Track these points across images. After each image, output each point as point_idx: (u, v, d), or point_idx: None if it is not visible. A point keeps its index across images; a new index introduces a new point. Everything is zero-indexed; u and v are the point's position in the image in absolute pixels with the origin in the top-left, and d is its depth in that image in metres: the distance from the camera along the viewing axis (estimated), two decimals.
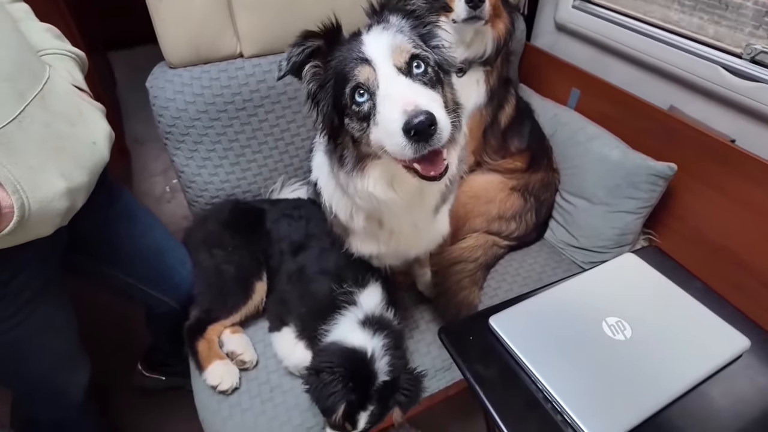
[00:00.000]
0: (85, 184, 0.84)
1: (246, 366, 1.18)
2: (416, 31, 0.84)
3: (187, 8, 1.24)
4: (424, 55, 0.79)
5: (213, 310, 1.23)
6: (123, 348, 1.82)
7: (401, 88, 0.74)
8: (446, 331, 1.00)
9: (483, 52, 1.37)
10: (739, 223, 1.24)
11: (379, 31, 0.81)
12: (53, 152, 0.78)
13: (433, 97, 0.76)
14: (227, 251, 1.28)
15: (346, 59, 0.79)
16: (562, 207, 1.55)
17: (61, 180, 0.78)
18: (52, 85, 0.84)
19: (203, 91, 1.31)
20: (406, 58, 0.77)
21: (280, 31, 1.37)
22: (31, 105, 0.76)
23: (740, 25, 1.25)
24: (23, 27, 0.93)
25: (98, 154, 0.89)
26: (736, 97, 1.23)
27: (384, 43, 0.78)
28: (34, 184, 0.73)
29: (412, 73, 0.77)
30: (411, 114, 0.67)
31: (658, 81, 1.44)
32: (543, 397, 0.87)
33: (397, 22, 0.84)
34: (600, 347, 0.93)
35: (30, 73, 0.79)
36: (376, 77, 0.76)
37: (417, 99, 0.70)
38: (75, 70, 0.98)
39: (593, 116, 1.54)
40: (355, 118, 0.80)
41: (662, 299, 1.04)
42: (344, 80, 0.79)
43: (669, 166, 1.30)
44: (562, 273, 1.46)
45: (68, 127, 0.83)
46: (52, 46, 0.96)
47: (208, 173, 1.41)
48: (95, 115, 0.94)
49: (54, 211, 0.77)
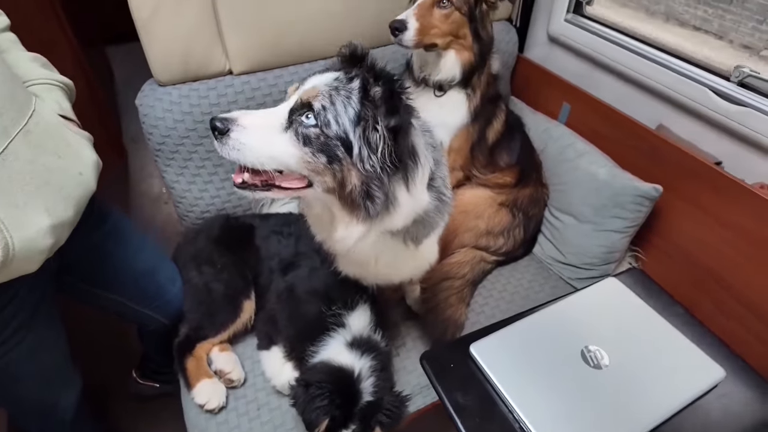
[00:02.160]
0: (71, 218, 0.85)
1: (234, 384, 1.21)
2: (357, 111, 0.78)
3: (176, 27, 1.24)
4: (325, 119, 0.77)
5: (202, 327, 1.25)
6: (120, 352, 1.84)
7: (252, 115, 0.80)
8: (428, 357, 1.01)
9: (453, 77, 1.38)
10: (723, 244, 1.25)
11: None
12: (38, 188, 0.78)
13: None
14: (216, 269, 1.29)
15: None
16: (551, 223, 1.56)
17: (45, 216, 0.78)
18: (39, 118, 0.84)
19: (192, 109, 1.31)
20: (307, 98, 0.78)
21: (268, 48, 1.37)
22: (16, 140, 0.76)
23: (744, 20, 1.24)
24: (10, 57, 0.94)
25: (84, 184, 0.90)
26: (724, 120, 1.23)
27: (313, 80, 0.81)
28: (18, 223, 0.73)
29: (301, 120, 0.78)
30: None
31: (648, 98, 1.44)
32: (519, 428, 0.89)
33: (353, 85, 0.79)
34: (578, 377, 0.95)
35: (15, 106, 0.79)
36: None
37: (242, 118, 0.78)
38: (63, 99, 0.98)
39: (583, 131, 1.54)
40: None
41: (641, 327, 1.05)
42: None
43: (655, 188, 1.30)
44: (549, 289, 1.47)
45: (54, 160, 0.84)
46: (40, 75, 0.96)
47: (198, 189, 1.42)
48: (82, 145, 0.94)
49: (38, 248, 0.78)
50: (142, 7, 1.19)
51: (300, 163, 0.78)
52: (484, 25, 1.35)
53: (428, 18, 1.28)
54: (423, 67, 1.41)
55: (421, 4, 1.28)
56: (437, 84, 1.42)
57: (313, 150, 0.77)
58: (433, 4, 1.28)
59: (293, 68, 1.43)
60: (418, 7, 1.27)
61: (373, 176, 0.77)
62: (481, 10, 1.33)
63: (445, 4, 1.29)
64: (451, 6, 1.29)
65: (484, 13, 1.34)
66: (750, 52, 1.36)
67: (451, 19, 1.31)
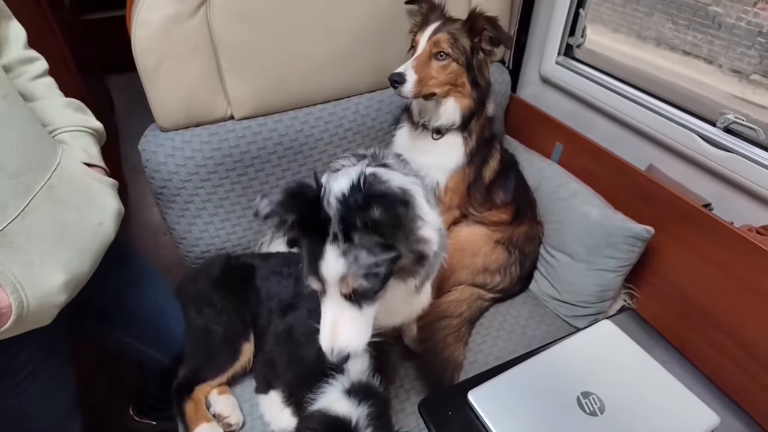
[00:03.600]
0: (86, 271, 0.86)
1: (232, 428, 1.21)
2: (375, 241, 0.81)
3: (180, 77, 1.28)
4: (369, 287, 0.83)
5: (201, 369, 1.25)
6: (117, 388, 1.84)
7: (334, 322, 0.84)
8: (425, 405, 1.03)
9: (453, 122, 1.42)
10: (714, 285, 1.27)
11: (336, 253, 0.79)
12: (56, 243, 0.79)
13: (363, 318, 0.85)
14: (216, 310, 1.30)
15: (308, 251, 0.83)
16: (546, 260, 1.58)
17: (61, 273, 0.79)
18: (62, 171, 0.85)
19: (194, 154, 1.35)
20: (349, 290, 0.82)
21: (269, 94, 1.42)
22: (37, 197, 0.77)
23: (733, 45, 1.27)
24: (43, 104, 0.96)
25: (103, 235, 0.91)
26: (712, 164, 1.27)
27: (332, 270, 0.80)
28: (33, 281, 0.74)
29: (356, 294, 0.83)
30: (332, 352, 0.83)
31: (638, 140, 1.48)
32: None
33: (358, 240, 0.81)
34: (575, 425, 0.96)
35: (39, 163, 0.80)
36: (324, 288, 0.83)
37: (341, 340, 0.83)
38: (91, 145, 1.00)
39: (575, 171, 1.58)
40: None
41: (636, 372, 1.07)
42: (304, 265, 0.85)
43: (646, 230, 1.33)
44: (546, 327, 1.49)
45: (74, 212, 0.85)
46: (71, 122, 0.98)
47: (198, 230, 1.44)
48: (105, 193, 0.95)
49: (52, 305, 0.79)
50: (148, 58, 1.24)
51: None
52: (481, 73, 1.38)
53: (426, 70, 1.32)
54: (422, 112, 1.45)
55: (419, 56, 1.32)
56: (436, 129, 1.46)
57: (377, 291, 0.86)
58: (430, 56, 1.32)
59: (293, 113, 1.47)
60: (416, 60, 1.31)
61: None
62: (477, 59, 1.37)
63: (442, 56, 1.32)
64: (448, 58, 1.33)
65: (481, 61, 1.37)
66: (739, 76, 1.40)
67: (448, 70, 1.35)
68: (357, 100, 1.56)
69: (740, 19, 1.27)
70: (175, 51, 1.24)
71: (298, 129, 1.46)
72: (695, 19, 1.35)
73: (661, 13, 1.43)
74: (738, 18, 1.27)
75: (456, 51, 1.33)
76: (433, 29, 1.34)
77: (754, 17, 1.24)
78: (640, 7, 1.57)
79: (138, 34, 1.22)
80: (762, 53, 1.28)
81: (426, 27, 1.35)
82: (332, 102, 1.53)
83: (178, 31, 1.23)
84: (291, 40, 1.37)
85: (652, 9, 1.53)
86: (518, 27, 1.74)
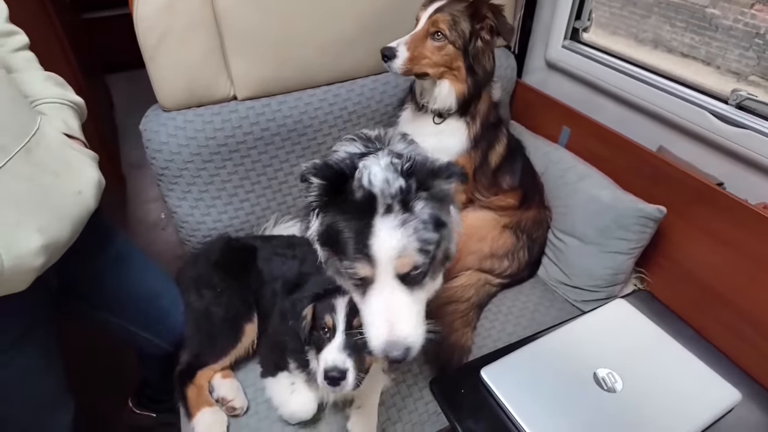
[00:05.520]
0: (65, 238, 0.84)
1: (236, 413, 1.17)
2: (430, 213, 0.78)
3: (182, 55, 1.26)
4: (424, 264, 0.77)
5: (202, 354, 1.22)
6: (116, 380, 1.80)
7: (389, 309, 0.75)
8: (438, 383, 0.99)
9: (449, 106, 1.39)
10: (727, 265, 1.24)
11: (393, 225, 0.74)
12: (33, 207, 0.78)
13: (416, 305, 0.78)
14: (216, 292, 1.27)
15: (351, 236, 0.76)
16: (554, 245, 1.55)
17: (38, 236, 0.77)
18: (41, 137, 0.84)
19: (196, 134, 1.32)
20: (407, 269, 0.75)
21: (273, 75, 1.39)
22: (15, 158, 0.76)
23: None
24: (23, 76, 0.95)
25: (82, 204, 0.89)
26: (724, 142, 1.25)
27: (389, 247, 0.74)
28: (9, 241, 0.73)
29: (408, 277, 0.76)
30: (390, 345, 0.72)
31: (648, 121, 1.46)
32: None
33: (419, 209, 0.77)
34: (591, 401, 0.93)
35: (17, 126, 0.80)
36: (374, 275, 0.76)
37: (399, 330, 0.72)
38: (71, 118, 0.98)
39: (583, 154, 1.56)
40: (339, 273, 0.81)
41: (653, 349, 1.04)
42: (344, 251, 0.77)
43: (658, 209, 1.31)
44: (555, 312, 1.45)
45: (52, 179, 0.83)
46: (51, 94, 0.97)
47: (200, 213, 1.41)
48: (85, 163, 0.94)
49: (28, 268, 0.76)
50: (149, 35, 1.21)
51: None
52: (478, 61, 1.34)
53: (420, 48, 1.30)
54: (422, 93, 1.43)
55: (415, 34, 1.29)
56: (436, 112, 1.43)
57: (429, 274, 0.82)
58: (426, 35, 1.30)
59: (297, 94, 1.45)
60: (412, 37, 1.29)
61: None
62: (475, 46, 1.33)
63: (439, 36, 1.30)
64: (444, 39, 1.30)
65: (478, 49, 1.33)
66: (738, 77, 1.39)
67: (443, 52, 1.32)
68: (362, 82, 1.54)
69: (737, 20, 1.27)
70: (177, 26, 1.22)
71: (302, 111, 1.44)
72: (693, 21, 1.34)
73: (659, 15, 1.43)
74: (735, 20, 1.27)
75: (454, 33, 1.30)
76: (435, 8, 1.32)
77: (751, 19, 1.24)
78: (638, 9, 1.56)
79: (140, 10, 1.19)
80: (760, 54, 1.27)
81: (430, 5, 1.33)
82: (336, 84, 1.51)
83: (182, 6, 1.21)
84: (295, 20, 1.35)
85: (649, 11, 1.52)
86: (524, 11, 1.73)
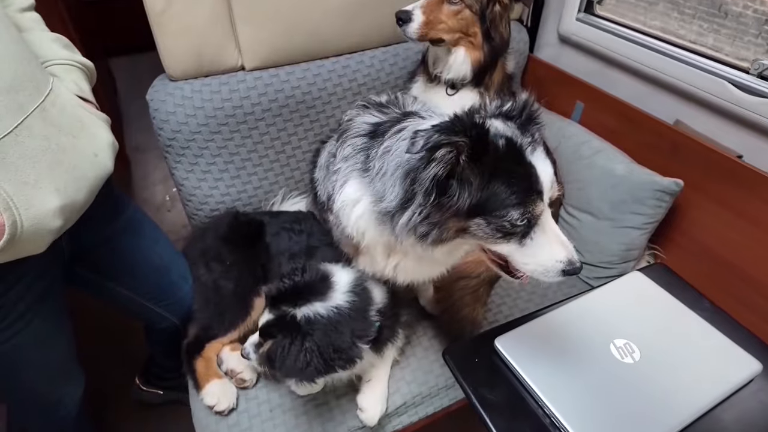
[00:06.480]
0: (82, 200, 0.82)
1: (245, 384, 1.16)
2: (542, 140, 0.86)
3: (189, 22, 1.23)
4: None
5: (211, 327, 1.21)
6: (124, 358, 1.80)
7: (556, 233, 0.81)
8: (451, 352, 0.97)
9: (464, 75, 1.36)
10: (746, 239, 1.22)
11: (541, 156, 0.79)
12: (50, 166, 0.76)
13: None
14: (225, 266, 1.25)
15: (514, 181, 0.76)
16: (567, 221, 1.53)
17: (55, 196, 0.76)
18: (55, 97, 0.82)
19: (204, 104, 1.29)
20: (558, 193, 0.80)
21: (281, 44, 1.36)
22: (31, 117, 0.75)
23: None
24: (31, 37, 0.93)
25: (100, 166, 0.88)
26: (744, 112, 1.21)
27: (549, 176, 0.79)
28: (27, 200, 0.71)
29: (551, 202, 0.81)
30: (572, 264, 0.79)
31: (664, 95, 1.42)
32: (551, 423, 0.84)
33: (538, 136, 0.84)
34: (608, 371, 0.91)
35: (32, 84, 0.78)
36: (542, 211, 0.79)
37: (573, 250, 0.80)
38: (82, 80, 0.97)
39: (598, 130, 1.53)
40: (495, 230, 0.79)
41: (670, 320, 1.02)
42: (507, 199, 0.76)
43: (675, 182, 1.28)
44: (567, 288, 1.43)
45: (69, 140, 0.82)
46: (60, 56, 0.95)
47: (208, 186, 1.39)
48: (99, 126, 0.92)
49: (46, 229, 0.75)
50: (156, 1, 1.18)
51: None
52: (495, 26, 1.32)
53: (436, 13, 1.27)
54: (436, 62, 1.40)
55: None
56: (449, 82, 1.40)
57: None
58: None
59: (305, 65, 1.42)
60: (428, 1, 1.26)
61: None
62: (493, 10, 1.31)
63: (455, 0, 1.28)
64: (461, 3, 1.28)
65: (496, 14, 1.31)
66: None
67: (460, 16, 1.29)
68: (371, 53, 1.51)
69: (747, 7, 1.23)
70: None
71: (311, 82, 1.41)
72: (701, 8, 1.31)
73: (667, 2, 1.39)
74: (745, 6, 1.23)
75: None
76: None
77: (761, 5, 1.21)
78: None
79: None
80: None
81: None
82: (345, 55, 1.48)
83: None
84: None
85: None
86: None
